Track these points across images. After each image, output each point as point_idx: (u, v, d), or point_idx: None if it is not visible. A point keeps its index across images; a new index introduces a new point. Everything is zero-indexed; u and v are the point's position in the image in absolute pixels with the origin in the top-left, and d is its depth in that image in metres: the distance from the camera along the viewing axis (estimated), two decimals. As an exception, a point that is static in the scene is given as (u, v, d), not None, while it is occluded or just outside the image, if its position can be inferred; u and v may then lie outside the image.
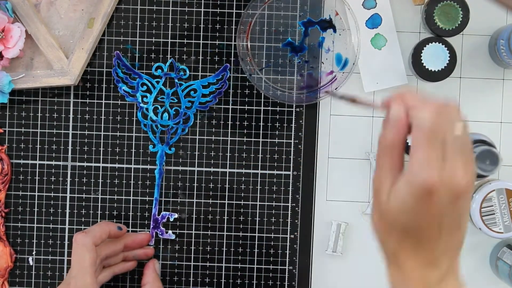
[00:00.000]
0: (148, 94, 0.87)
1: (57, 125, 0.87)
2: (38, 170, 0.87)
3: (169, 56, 0.87)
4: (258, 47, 0.86)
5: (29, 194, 0.87)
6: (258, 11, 0.86)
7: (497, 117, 0.87)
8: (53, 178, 0.87)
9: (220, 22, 0.87)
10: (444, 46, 0.82)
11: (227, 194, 0.87)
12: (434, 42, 0.82)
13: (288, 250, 0.87)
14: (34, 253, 0.88)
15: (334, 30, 0.86)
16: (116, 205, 0.87)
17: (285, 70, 0.86)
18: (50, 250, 0.88)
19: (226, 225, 0.87)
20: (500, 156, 0.75)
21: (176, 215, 0.87)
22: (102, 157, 0.87)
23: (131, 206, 0.87)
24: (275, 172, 0.87)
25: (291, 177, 0.87)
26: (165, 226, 0.87)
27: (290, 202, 0.87)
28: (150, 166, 0.87)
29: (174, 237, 0.87)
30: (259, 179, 0.87)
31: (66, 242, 0.87)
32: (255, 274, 0.87)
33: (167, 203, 0.87)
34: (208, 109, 0.87)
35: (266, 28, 0.86)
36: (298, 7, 0.86)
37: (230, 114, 0.87)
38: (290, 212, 0.87)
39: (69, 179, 0.87)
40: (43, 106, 0.87)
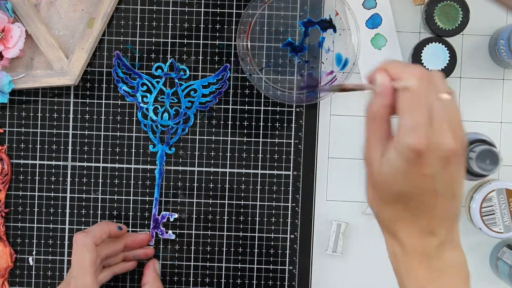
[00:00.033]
0: (148, 94, 0.87)
1: (57, 125, 0.87)
2: (38, 170, 0.87)
3: (169, 56, 0.87)
4: (258, 47, 0.86)
5: (29, 194, 0.87)
6: (258, 11, 0.86)
7: (497, 117, 0.87)
8: (53, 178, 0.87)
9: (220, 22, 0.87)
10: (444, 46, 0.82)
11: (227, 194, 0.87)
12: (434, 42, 0.82)
13: (288, 250, 0.87)
14: (34, 253, 0.88)
15: (334, 30, 0.86)
16: (116, 205, 0.87)
17: (285, 70, 0.86)
18: (50, 250, 0.88)
19: (226, 225, 0.87)
20: (500, 156, 0.74)
21: (176, 215, 0.87)
22: (102, 157, 0.87)
23: (131, 206, 0.87)
24: (275, 172, 0.87)
25: (291, 177, 0.87)
26: (165, 226, 0.87)
27: (290, 202, 0.87)
28: (150, 166, 0.87)
29: (174, 237, 0.87)
30: (259, 179, 0.87)
31: (66, 242, 0.87)
32: (255, 274, 0.87)
33: (167, 203, 0.87)
34: (208, 109, 0.87)
35: (266, 28, 0.86)
36: (298, 7, 0.86)
37: (230, 114, 0.87)
38: (290, 212, 0.87)
39: (69, 179, 0.87)
40: (43, 106, 0.87)
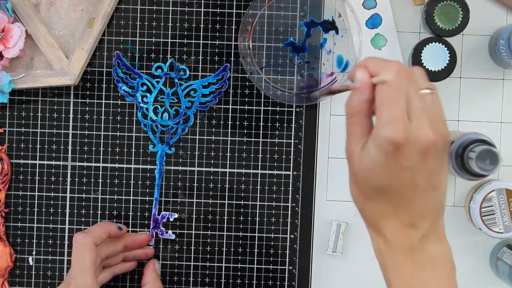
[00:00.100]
0: (148, 94, 0.87)
1: (57, 125, 0.87)
2: (38, 170, 0.87)
3: (169, 56, 0.87)
4: (259, 47, 0.86)
5: (29, 194, 0.87)
6: (260, 12, 0.86)
7: (497, 117, 0.87)
8: (53, 178, 0.87)
9: (220, 22, 0.87)
10: (444, 46, 0.82)
11: (227, 194, 0.87)
12: (434, 42, 0.82)
13: (288, 250, 0.87)
14: (34, 253, 0.88)
15: (337, 32, 0.86)
16: (116, 205, 0.87)
17: (286, 70, 0.86)
18: (50, 250, 0.87)
19: (226, 225, 0.87)
20: (500, 156, 0.74)
21: (176, 215, 0.87)
22: (102, 157, 0.87)
23: (131, 206, 0.87)
24: (275, 172, 0.87)
25: (291, 177, 0.87)
26: (165, 226, 0.87)
27: (290, 202, 0.87)
28: (150, 166, 0.87)
29: (174, 237, 0.87)
30: (259, 179, 0.87)
31: (66, 242, 0.87)
32: (255, 274, 0.87)
33: (167, 203, 0.87)
34: (208, 109, 0.87)
35: (267, 28, 0.86)
36: (298, 7, 0.86)
37: (230, 114, 0.87)
38: (290, 212, 0.87)
39: (69, 179, 0.87)
40: (43, 106, 0.87)
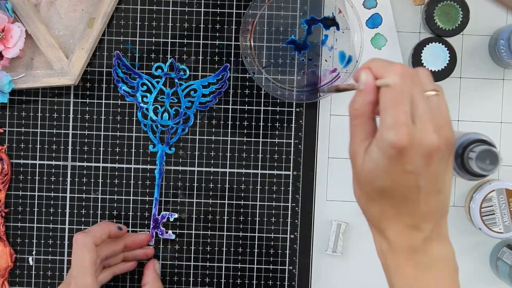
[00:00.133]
0: (148, 94, 0.87)
1: (57, 125, 0.87)
2: (38, 170, 0.87)
3: (169, 56, 0.87)
4: (260, 46, 0.86)
5: (29, 194, 0.87)
6: (260, 12, 0.86)
7: (497, 117, 0.87)
8: (53, 178, 0.87)
9: (220, 22, 0.87)
10: (444, 46, 0.82)
11: (227, 194, 0.87)
12: (434, 42, 0.82)
13: (288, 250, 0.87)
14: (34, 253, 0.88)
15: (337, 28, 0.86)
16: (116, 205, 0.87)
17: (288, 68, 0.86)
18: (50, 250, 0.88)
19: (226, 225, 0.87)
20: (500, 156, 0.74)
21: (176, 215, 0.87)
22: (102, 157, 0.87)
23: (131, 206, 0.87)
24: (275, 172, 0.87)
25: (291, 177, 0.87)
26: (165, 226, 0.87)
27: (290, 202, 0.87)
28: (150, 166, 0.87)
29: (174, 237, 0.87)
30: (259, 179, 0.87)
31: (66, 242, 0.87)
32: (255, 274, 0.87)
33: (167, 203, 0.87)
34: (208, 109, 0.87)
35: (269, 26, 0.86)
36: (298, 7, 0.86)
37: (230, 114, 0.87)
38: (290, 212, 0.87)
39: (69, 179, 0.87)
40: (43, 106, 0.87)
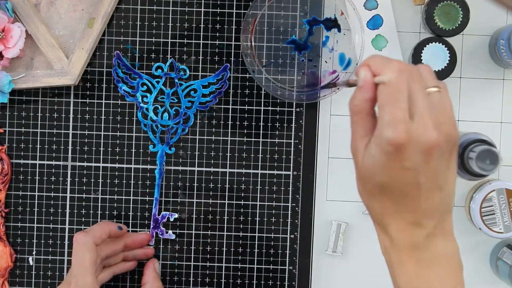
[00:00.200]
0: (148, 94, 0.87)
1: (57, 125, 0.87)
2: (38, 170, 0.87)
3: (169, 56, 0.87)
4: (261, 45, 0.86)
5: (29, 194, 0.87)
6: (260, 12, 0.86)
7: (497, 117, 0.87)
8: (53, 178, 0.87)
9: (220, 22, 0.87)
10: (444, 46, 0.82)
11: (227, 194, 0.87)
12: (434, 42, 0.82)
13: (288, 250, 0.87)
14: (34, 253, 0.88)
15: (339, 30, 0.86)
16: (116, 205, 0.87)
17: (288, 68, 0.86)
18: (50, 250, 0.87)
19: (226, 225, 0.87)
20: (500, 156, 0.74)
21: (176, 215, 0.87)
22: (102, 157, 0.87)
23: (131, 206, 0.87)
24: (275, 172, 0.87)
25: (291, 177, 0.87)
26: (165, 226, 0.87)
27: (290, 202, 0.87)
28: (150, 166, 0.87)
29: (174, 237, 0.87)
30: (259, 179, 0.87)
31: (66, 242, 0.87)
32: (255, 274, 0.87)
33: (167, 203, 0.87)
34: (208, 109, 0.87)
35: (270, 26, 0.86)
36: (298, 7, 0.86)
37: (230, 114, 0.87)
38: (290, 212, 0.87)
39: (69, 179, 0.87)
40: (43, 106, 0.87)
